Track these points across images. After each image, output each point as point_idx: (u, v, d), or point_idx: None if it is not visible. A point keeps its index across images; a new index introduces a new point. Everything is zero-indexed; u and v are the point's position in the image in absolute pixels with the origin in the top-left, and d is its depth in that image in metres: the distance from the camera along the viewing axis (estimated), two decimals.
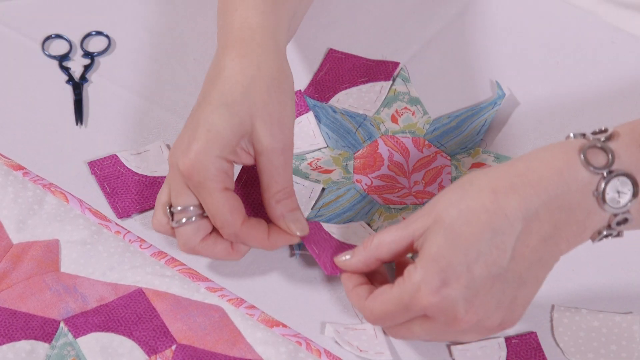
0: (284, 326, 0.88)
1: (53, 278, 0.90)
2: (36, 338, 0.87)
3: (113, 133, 1.01)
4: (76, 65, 1.06)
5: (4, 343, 0.86)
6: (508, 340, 0.88)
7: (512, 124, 1.01)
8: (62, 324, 0.88)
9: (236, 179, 0.96)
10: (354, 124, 1.00)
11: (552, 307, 0.90)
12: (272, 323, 0.88)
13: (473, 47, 1.07)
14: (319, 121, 1.01)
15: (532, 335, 0.88)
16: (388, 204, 0.96)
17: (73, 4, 1.10)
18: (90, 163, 0.97)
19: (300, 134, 1.00)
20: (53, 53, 1.06)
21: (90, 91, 1.04)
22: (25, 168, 0.97)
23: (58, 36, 1.07)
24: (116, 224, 0.94)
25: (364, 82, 1.04)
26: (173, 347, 0.87)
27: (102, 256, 0.92)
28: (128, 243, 0.93)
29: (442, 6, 1.10)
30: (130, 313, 0.88)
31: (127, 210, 0.94)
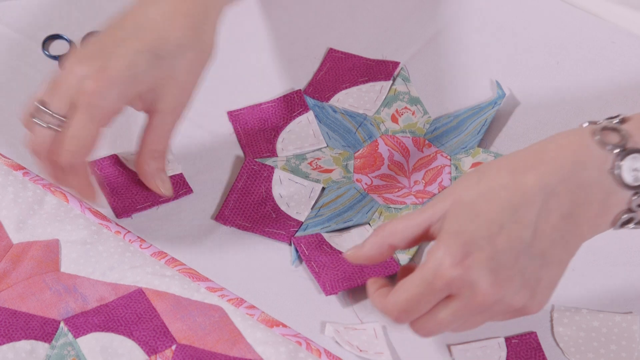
0: (284, 326, 0.88)
1: (53, 278, 0.90)
2: (36, 338, 0.87)
3: (113, 133, 1.01)
4: None
5: (4, 343, 0.86)
6: (508, 340, 0.88)
7: (512, 124, 1.01)
8: (62, 324, 0.88)
9: (236, 179, 0.96)
10: (354, 124, 1.00)
11: (552, 307, 0.90)
12: (272, 323, 0.88)
13: (473, 47, 1.07)
14: (319, 121, 1.01)
15: (532, 335, 0.88)
16: (388, 204, 0.96)
17: (73, 4, 1.10)
18: (90, 163, 0.97)
19: (300, 134, 1.00)
20: (53, 53, 1.06)
21: None
22: (25, 168, 0.97)
23: (58, 36, 1.07)
24: (116, 224, 0.94)
25: (364, 82, 1.04)
26: (173, 347, 0.87)
27: (102, 256, 0.92)
28: (128, 243, 0.93)
29: (442, 6, 1.10)
30: (130, 313, 0.88)
31: (127, 210, 0.94)
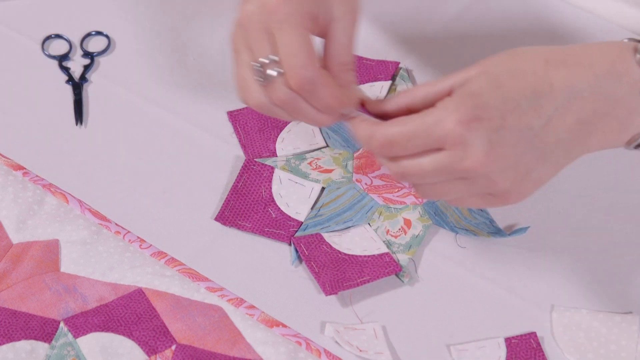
0: (284, 326, 0.88)
1: (53, 278, 0.90)
2: (36, 338, 0.87)
3: (113, 133, 1.01)
4: (76, 65, 1.06)
5: (4, 343, 0.86)
6: (508, 340, 0.88)
7: None
8: (62, 324, 0.88)
9: (236, 179, 0.96)
10: None
11: (552, 307, 0.90)
12: (272, 323, 0.88)
13: (473, 47, 1.07)
14: None
15: (532, 335, 0.88)
16: (388, 204, 0.96)
17: (73, 4, 1.10)
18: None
19: (300, 134, 1.00)
20: (53, 53, 1.06)
21: (90, 91, 1.04)
22: (25, 168, 0.97)
23: (58, 36, 1.07)
24: (116, 224, 0.94)
25: (364, 82, 1.04)
26: (173, 347, 0.87)
27: (102, 256, 0.92)
28: (128, 243, 0.93)
29: (442, 6, 1.10)
30: (130, 313, 0.88)
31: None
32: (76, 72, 1.05)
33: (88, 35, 1.08)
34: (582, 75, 0.78)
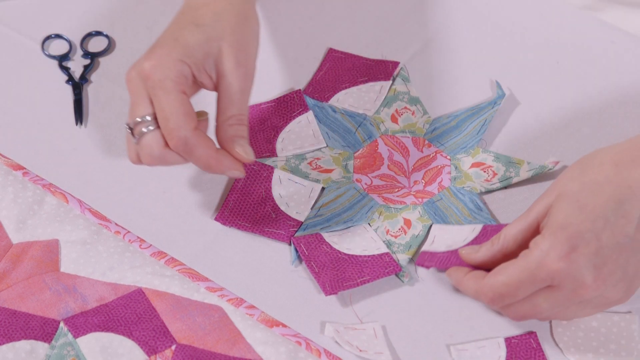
0: (284, 326, 0.88)
1: (53, 278, 0.90)
2: (36, 338, 0.87)
3: (113, 133, 1.01)
4: (76, 65, 1.06)
5: (4, 343, 0.86)
6: (508, 340, 0.88)
7: (512, 124, 1.01)
8: (62, 324, 0.88)
9: (236, 179, 0.96)
10: (354, 124, 1.00)
11: None
12: (272, 323, 0.88)
13: (473, 47, 1.07)
14: (319, 121, 1.01)
15: (532, 335, 0.88)
16: (388, 204, 0.96)
17: (73, 4, 1.10)
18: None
19: (300, 134, 1.00)
20: (53, 53, 1.06)
21: (90, 91, 1.04)
22: (25, 168, 0.97)
23: (58, 36, 1.07)
24: (116, 224, 0.94)
25: (364, 82, 1.04)
26: (173, 347, 0.87)
27: (102, 256, 0.92)
28: (128, 243, 0.93)
29: (442, 6, 1.10)
30: (130, 313, 0.88)
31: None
32: (76, 72, 1.05)
33: (88, 35, 1.08)
34: None
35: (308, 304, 0.90)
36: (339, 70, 1.05)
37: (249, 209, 0.95)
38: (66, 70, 1.05)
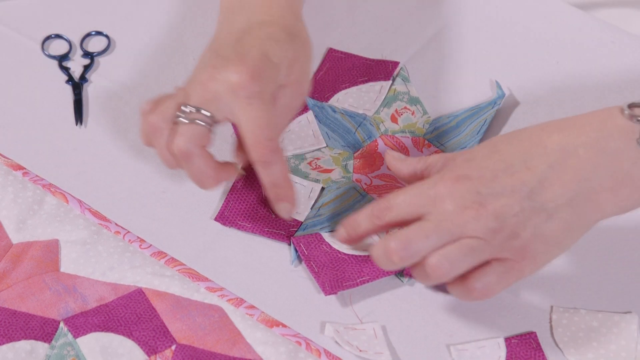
0: (284, 326, 0.88)
1: (53, 278, 0.90)
2: (36, 338, 0.87)
3: (113, 133, 1.01)
4: (76, 65, 1.06)
5: (4, 343, 0.86)
6: (508, 340, 0.88)
7: (512, 124, 1.01)
8: (62, 324, 0.88)
9: (236, 179, 0.96)
10: (354, 124, 1.00)
11: (551, 308, 0.90)
12: (272, 323, 0.88)
13: (473, 47, 1.07)
14: (319, 121, 1.01)
15: (532, 335, 0.88)
16: None
17: (73, 4, 1.10)
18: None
19: (300, 134, 1.00)
20: (53, 53, 1.06)
21: (90, 91, 1.04)
22: (25, 168, 0.97)
23: (58, 36, 1.07)
24: (116, 224, 0.94)
25: (364, 82, 1.04)
26: (173, 347, 0.87)
27: (102, 256, 0.92)
28: (128, 243, 0.93)
29: (442, 6, 1.10)
30: (130, 313, 0.88)
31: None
32: (76, 72, 1.05)
33: (88, 35, 1.08)
34: (575, 135, 0.81)
35: (308, 304, 0.90)
36: (339, 70, 1.05)
37: (249, 209, 0.95)
38: (66, 70, 1.05)
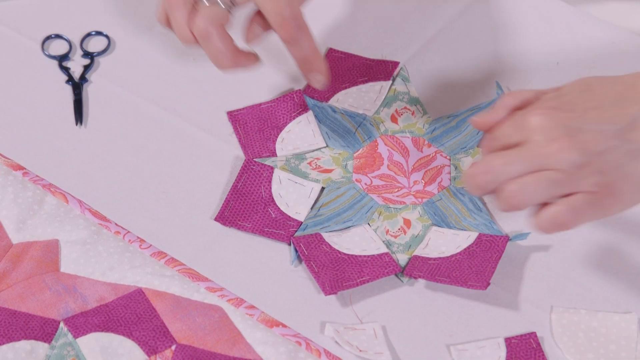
0: (284, 326, 0.88)
1: (53, 278, 0.90)
2: (36, 338, 0.87)
3: (113, 133, 1.01)
4: (76, 65, 1.06)
5: (4, 343, 0.86)
6: (508, 340, 0.88)
7: None
8: (62, 324, 0.88)
9: (236, 180, 0.96)
10: (354, 124, 1.00)
11: (551, 309, 0.90)
12: (272, 323, 0.88)
13: (473, 47, 1.07)
14: (319, 121, 1.01)
15: (532, 335, 0.88)
16: (387, 204, 0.96)
17: (73, 4, 1.10)
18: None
19: (300, 134, 1.00)
20: (53, 53, 1.06)
21: (90, 91, 1.04)
22: (25, 168, 0.97)
23: (58, 36, 1.07)
24: (116, 224, 0.94)
25: (364, 82, 1.04)
26: (173, 347, 0.87)
27: (102, 256, 0.92)
28: (128, 243, 0.93)
29: (442, 6, 1.10)
30: (130, 313, 0.88)
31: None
32: (76, 72, 1.05)
33: (88, 35, 1.08)
34: None
35: (308, 304, 0.90)
36: (339, 70, 1.05)
37: (249, 209, 0.95)
38: (66, 70, 1.05)
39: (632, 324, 0.88)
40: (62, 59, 1.06)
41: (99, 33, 1.08)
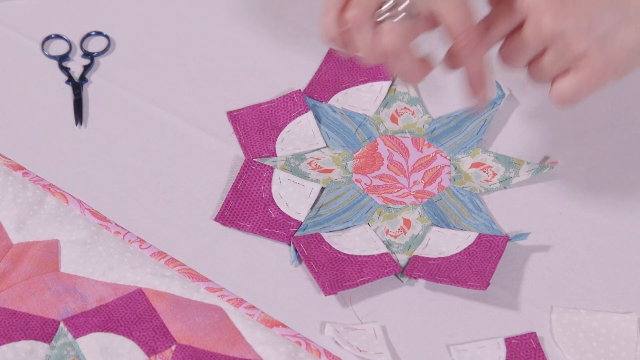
0: (284, 326, 0.88)
1: (53, 278, 0.90)
2: (36, 338, 0.87)
3: (113, 133, 1.01)
4: (76, 65, 1.06)
5: (4, 343, 0.86)
6: (508, 340, 0.88)
7: (512, 124, 1.01)
8: (62, 324, 0.88)
9: (235, 180, 0.96)
10: (354, 124, 1.00)
11: (551, 308, 0.90)
12: (272, 323, 0.88)
13: None
14: (319, 121, 1.01)
15: (532, 335, 0.88)
16: (387, 204, 0.96)
17: (73, 4, 1.10)
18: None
19: (300, 134, 1.00)
20: (53, 53, 1.06)
21: (89, 91, 1.04)
22: (25, 168, 0.97)
23: (58, 36, 1.07)
24: (116, 224, 0.94)
25: (364, 82, 1.04)
26: (173, 347, 0.87)
27: (102, 256, 0.92)
28: (128, 243, 0.93)
29: None
30: (130, 313, 0.88)
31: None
32: (76, 72, 1.05)
33: (88, 35, 1.08)
34: None
35: (308, 304, 0.90)
36: (339, 70, 1.05)
37: (249, 209, 0.95)
38: (66, 70, 1.05)
39: (632, 324, 0.88)
40: (62, 59, 1.06)
41: (99, 33, 1.08)
